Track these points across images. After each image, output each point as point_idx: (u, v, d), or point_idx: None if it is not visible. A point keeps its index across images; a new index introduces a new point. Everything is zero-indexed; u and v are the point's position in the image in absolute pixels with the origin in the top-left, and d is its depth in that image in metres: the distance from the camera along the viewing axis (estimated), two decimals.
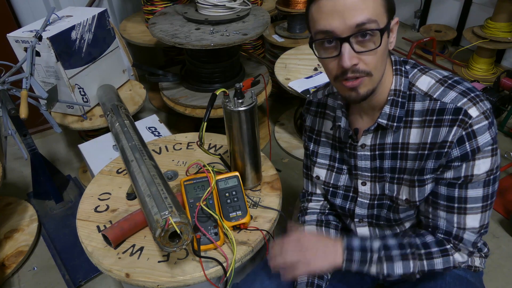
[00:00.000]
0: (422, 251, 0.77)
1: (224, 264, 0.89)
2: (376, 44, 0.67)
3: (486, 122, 0.69)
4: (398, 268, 0.76)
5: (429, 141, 0.73)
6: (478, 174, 0.72)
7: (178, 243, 0.83)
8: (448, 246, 0.78)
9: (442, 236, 0.78)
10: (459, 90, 0.71)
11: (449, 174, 0.74)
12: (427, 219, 0.81)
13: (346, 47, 0.66)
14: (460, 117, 0.69)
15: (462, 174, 0.73)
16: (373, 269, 0.77)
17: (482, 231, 0.78)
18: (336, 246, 0.78)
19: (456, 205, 0.75)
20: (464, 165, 0.72)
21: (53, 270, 1.59)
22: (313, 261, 0.76)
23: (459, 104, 0.70)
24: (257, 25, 1.74)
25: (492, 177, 0.73)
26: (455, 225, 0.77)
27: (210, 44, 1.59)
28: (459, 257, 0.78)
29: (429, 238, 0.79)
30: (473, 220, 0.76)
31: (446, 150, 0.72)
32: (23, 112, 1.33)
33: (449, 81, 0.73)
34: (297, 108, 2.34)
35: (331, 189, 0.94)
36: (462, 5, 2.97)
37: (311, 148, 0.96)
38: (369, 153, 0.83)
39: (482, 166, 0.71)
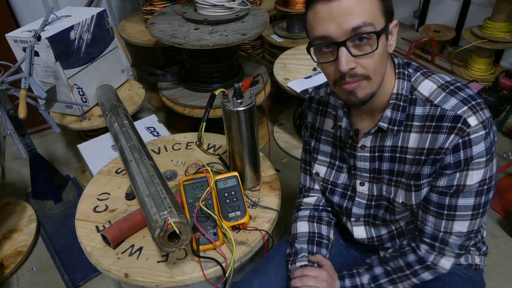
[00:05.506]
0: (407, 272, 0.81)
1: (223, 264, 0.89)
2: (373, 47, 0.67)
3: (483, 132, 0.68)
4: None
5: (426, 146, 0.73)
6: (470, 184, 0.71)
7: (177, 243, 0.83)
8: (429, 262, 0.79)
9: (428, 240, 0.79)
10: (460, 97, 0.71)
11: (442, 182, 0.74)
12: (416, 220, 0.82)
13: (342, 51, 0.66)
14: (459, 125, 0.69)
15: (455, 183, 0.73)
16: None
17: (472, 235, 0.77)
18: (333, 285, 0.86)
19: (445, 212, 0.76)
20: (457, 174, 0.72)
21: (52, 270, 1.59)
22: None
23: (459, 112, 0.69)
24: (256, 25, 1.74)
25: (485, 187, 0.72)
26: (442, 229, 0.77)
27: (209, 44, 1.59)
28: (445, 262, 0.79)
29: (411, 258, 0.81)
30: (460, 226, 0.76)
31: (441, 156, 0.72)
32: (22, 112, 1.33)
33: (451, 87, 0.72)
34: (296, 108, 2.34)
35: (330, 186, 0.94)
36: (461, 5, 2.98)
37: (312, 145, 0.96)
38: (368, 155, 0.83)
39: (475, 176, 0.71)
